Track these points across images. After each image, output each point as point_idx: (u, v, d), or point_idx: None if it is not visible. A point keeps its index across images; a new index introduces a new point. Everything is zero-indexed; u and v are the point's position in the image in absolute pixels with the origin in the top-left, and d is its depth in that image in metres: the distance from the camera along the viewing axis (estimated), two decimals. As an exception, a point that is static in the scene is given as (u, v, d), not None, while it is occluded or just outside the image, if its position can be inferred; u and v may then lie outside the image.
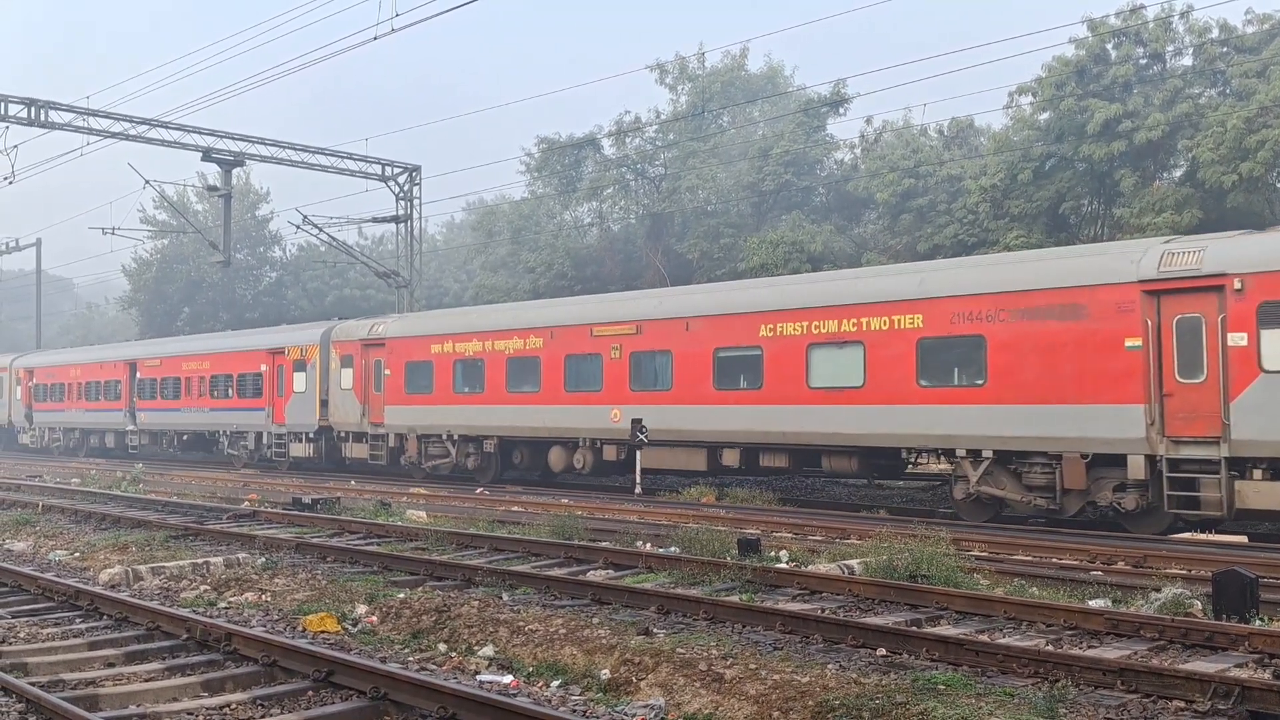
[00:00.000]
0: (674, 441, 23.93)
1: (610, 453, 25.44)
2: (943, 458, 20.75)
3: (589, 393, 25.57)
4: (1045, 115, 34.38)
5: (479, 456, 29.14)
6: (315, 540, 16.99)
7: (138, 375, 42.70)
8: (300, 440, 34.27)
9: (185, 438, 41.46)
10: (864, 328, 20.77)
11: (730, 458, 23.09)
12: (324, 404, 32.96)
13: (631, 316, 25.18)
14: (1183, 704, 8.03)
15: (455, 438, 29.49)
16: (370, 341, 31.96)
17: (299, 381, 34.22)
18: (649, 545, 16.12)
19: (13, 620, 11.57)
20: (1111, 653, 9.44)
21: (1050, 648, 9.57)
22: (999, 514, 19.65)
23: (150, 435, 43.05)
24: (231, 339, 40.28)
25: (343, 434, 32.80)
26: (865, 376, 20.64)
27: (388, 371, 31.06)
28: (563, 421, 26.26)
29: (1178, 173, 33.30)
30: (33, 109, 37.64)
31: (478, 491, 26.48)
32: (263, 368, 35.54)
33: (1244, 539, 16.76)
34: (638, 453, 24.93)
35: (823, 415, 21.32)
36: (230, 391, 37.17)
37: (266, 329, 42.25)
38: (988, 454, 19.10)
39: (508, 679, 9.38)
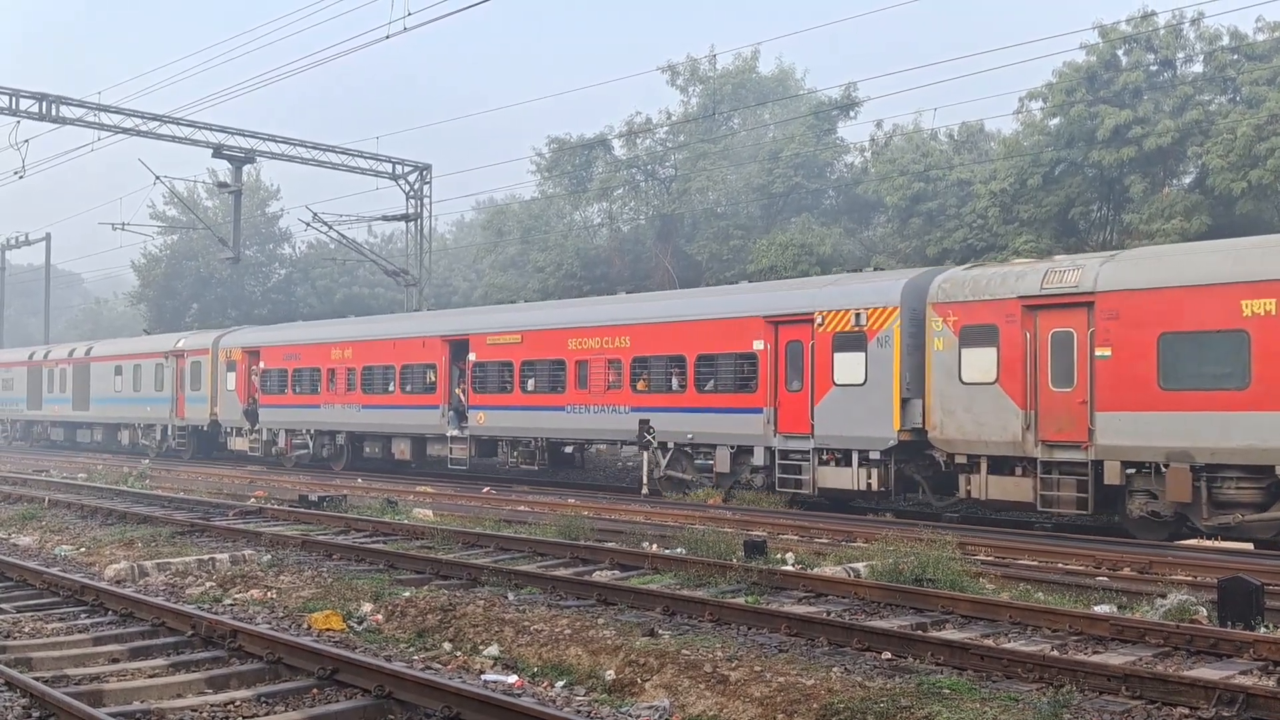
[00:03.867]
0: None
1: None
2: None
3: None
4: (1055, 120, 34.34)
5: None
6: (321, 538, 17.03)
7: (470, 357, 29.43)
8: (842, 463, 21.53)
9: (567, 449, 29.15)
10: None
11: None
12: (903, 405, 20.69)
13: None
14: (1187, 710, 8.03)
15: None
16: (1053, 298, 18.80)
17: (846, 367, 21.56)
18: (655, 546, 16.13)
19: (18, 615, 11.60)
20: (1116, 658, 9.44)
21: (1055, 653, 9.56)
22: None
23: (480, 443, 29.73)
24: (681, 301, 26.68)
25: (959, 458, 19.83)
26: None
27: (1104, 351, 18.10)
28: None
29: (1187, 179, 33.27)
30: (44, 104, 37.81)
31: (484, 491, 26.51)
32: (758, 345, 23.00)
33: (1250, 545, 16.72)
34: (644, 454, 24.95)
35: None
36: (675, 381, 24.69)
37: (765, 284, 27.82)
38: None
39: (512, 679, 9.39)
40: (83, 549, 16.98)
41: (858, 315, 21.44)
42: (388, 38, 26.59)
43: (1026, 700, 8.11)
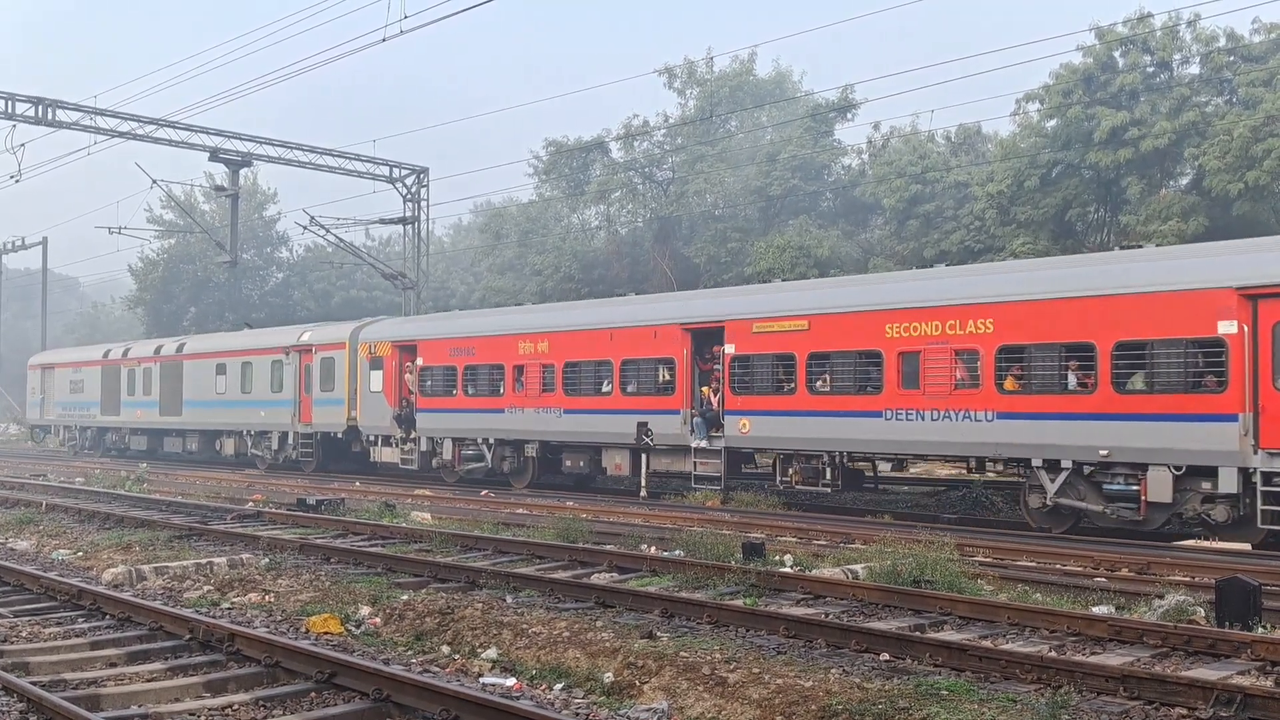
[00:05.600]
0: None
1: None
2: None
3: None
4: (1052, 122, 34.42)
5: None
6: (319, 541, 16.99)
7: (727, 349, 23.35)
8: None
9: (882, 465, 22.96)
10: None
11: None
12: None
13: None
14: (1185, 711, 8.03)
15: None
16: None
17: None
18: (653, 548, 16.12)
19: (15, 619, 11.58)
20: (1114, 659, 9.43)
21: (1053, 654, 9.55)
22: None
23: (736, 457, 24.17)
24: (1086, 269, 19.16)
25: None
26: None
27: None
28: None
29: (1184, 181, 33.35)
30: (40, 107, 37.80)
31: (482, 494, 26.48)
32: (1225, 327, 16.67)
33: (1247, 546, 16.73)
34: (643, 456, 24.88)
35: None
36: (1073, 377, 18.41)
37: (1232, 244, 19.39)
38: None
39: (511, 681, 9.38)
40: (80, 553, 16.96)
41: None
42: (384, 40, 26.62)
43: (1025, 701, 8.10)
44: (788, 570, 13.87)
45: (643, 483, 25.05)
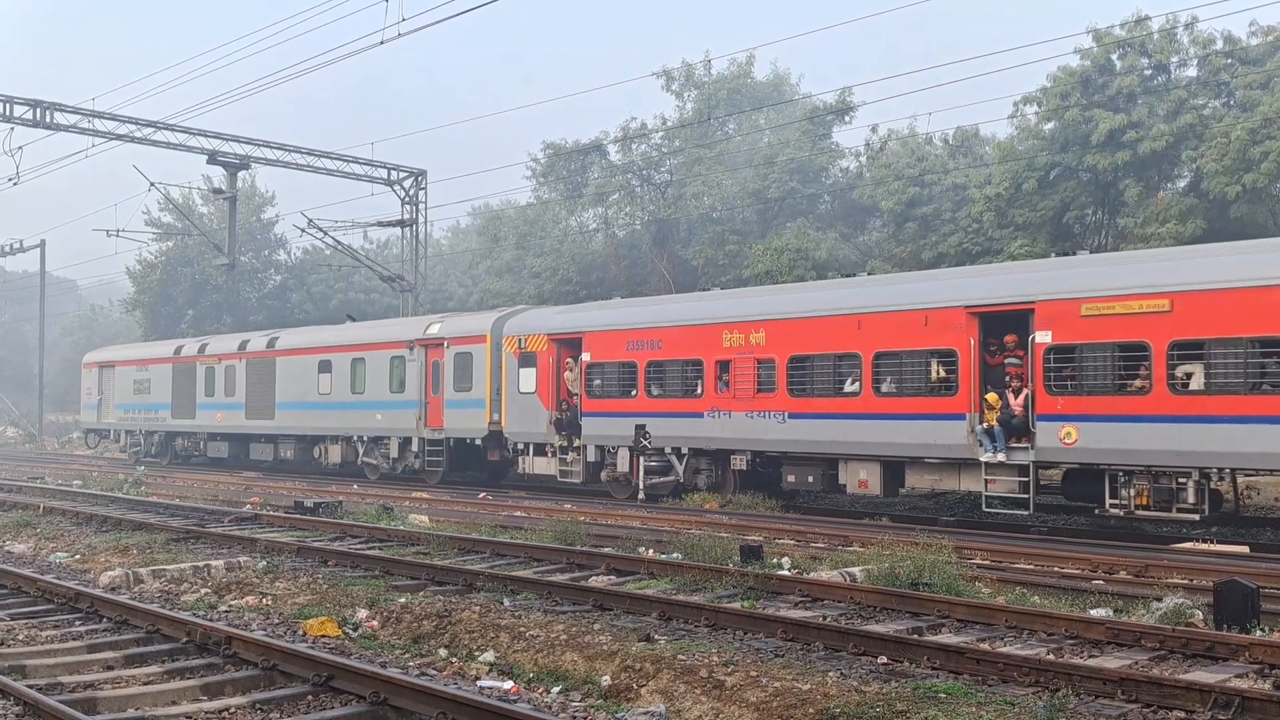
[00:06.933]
0: None
1: None
2: None
3: None
4: (1050, 125, 34.43)
5: None
6: (317, 544, 16.97)
7: (1038, 337, 18.64)
8: None
9: None
10: None
11: None
12: None
13: None
14: (1183, 714, 8.03)
15: None
16: None
17: None
18: (651, 551, 16.11)
19: (12, 622, 11.56)
20: (1112, 662, 9.44)
21: (1051, 657, 9.55)
22: None
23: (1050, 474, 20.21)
24: None
25: None
26: None
27: None
28: None
29: (1182, 183, 33.36)
30: (38, 110, 37.78)
31: (480, 496, 26.46)
32: None
33: (1245, 549, 16.74)
34: (640, 458, 24.86)
35: None
36: None
37: None
38: None
39: (508, 684, 9.37)
40: (77, 556, 16.94)
41: None
42: (382, 43, 26.62)
43: (1023, 704, 8.10)
44: (785, 573, 13.88)
45: (640, 484, 25.04)
